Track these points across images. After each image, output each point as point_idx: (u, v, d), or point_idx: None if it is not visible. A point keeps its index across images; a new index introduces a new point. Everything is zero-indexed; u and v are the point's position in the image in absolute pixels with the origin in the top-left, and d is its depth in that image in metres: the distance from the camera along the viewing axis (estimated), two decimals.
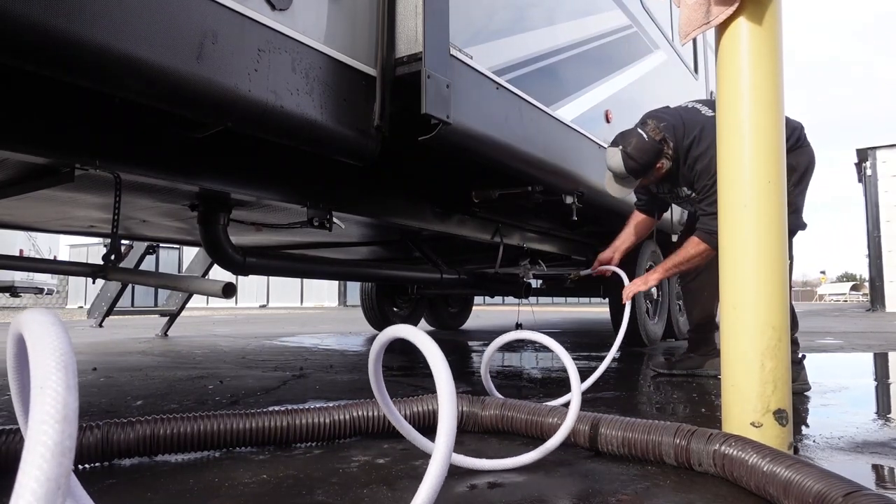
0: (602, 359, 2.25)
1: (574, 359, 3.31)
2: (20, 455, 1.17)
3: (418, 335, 0.89)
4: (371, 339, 5.03)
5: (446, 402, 0.80)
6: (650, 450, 1.26)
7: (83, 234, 3.21)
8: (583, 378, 1.54)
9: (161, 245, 3.88)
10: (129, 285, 4.58)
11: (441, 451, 0.74)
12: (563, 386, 2.43)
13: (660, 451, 1.24)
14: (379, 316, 5.61)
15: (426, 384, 2.43)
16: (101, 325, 4.85)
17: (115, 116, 1.63)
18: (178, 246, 10.79)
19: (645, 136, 2.24)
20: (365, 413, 1.47)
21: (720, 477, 1.17)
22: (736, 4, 1.34)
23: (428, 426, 1.49)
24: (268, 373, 2.82)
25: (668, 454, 1.23)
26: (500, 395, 1.69)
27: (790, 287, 1.51)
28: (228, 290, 2.11)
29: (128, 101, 1.35)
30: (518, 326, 4.18)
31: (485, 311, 13.15)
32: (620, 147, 2.26)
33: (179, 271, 16.33)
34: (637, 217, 2.77)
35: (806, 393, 2.20)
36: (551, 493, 1.10)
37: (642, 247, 4.07)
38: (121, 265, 2.24)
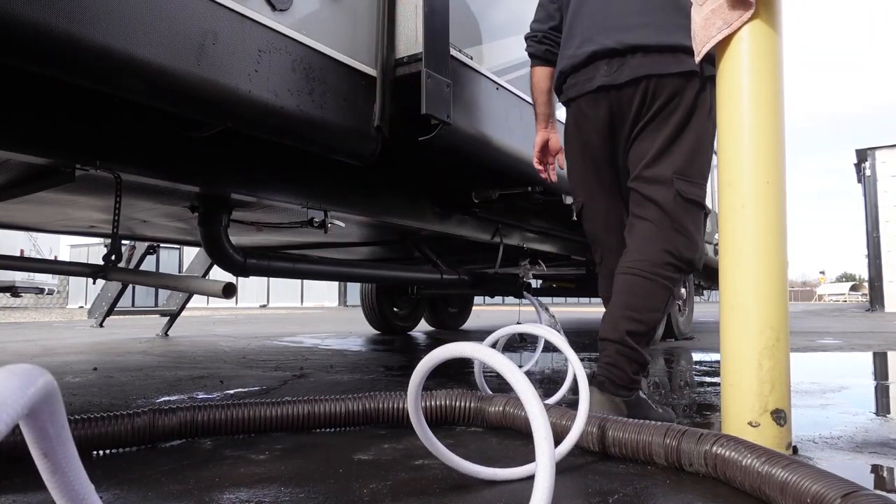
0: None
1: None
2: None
3: (488, 353, 0.78)
4: (372, 340, 5.04)
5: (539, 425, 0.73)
6: (640, 450, 1.26)
7: (84, 234, 3.21)
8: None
9: (161, 245, 3.88)
10: (130, 285, 4.59)
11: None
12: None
13: (650, 452, 1.24)
14: (379, 316, 5.61)
15: (426, 384, 2.43)
16: (101, 325, 4.86)
17: (115, 117, 1.64)
18: (178, 246, 10.79)
19: None
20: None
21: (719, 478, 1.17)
22: (751, 11, 1.33)
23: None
24: (268, 372, 2.82)
25: (659, 455, 1.23)
26: (489, 391, 1.74)
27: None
28: (229, 291, 2.11)
29: (128, 101, 1.36)
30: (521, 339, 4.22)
31: (485, 311, 13.15)
32: None
33: (180, 271, 16.33)
34: None
35: (806, 392, 2.20)
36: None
37: None
38: (121, 265, 2.24)
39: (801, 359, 3.52)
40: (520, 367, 1.86)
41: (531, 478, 0.85)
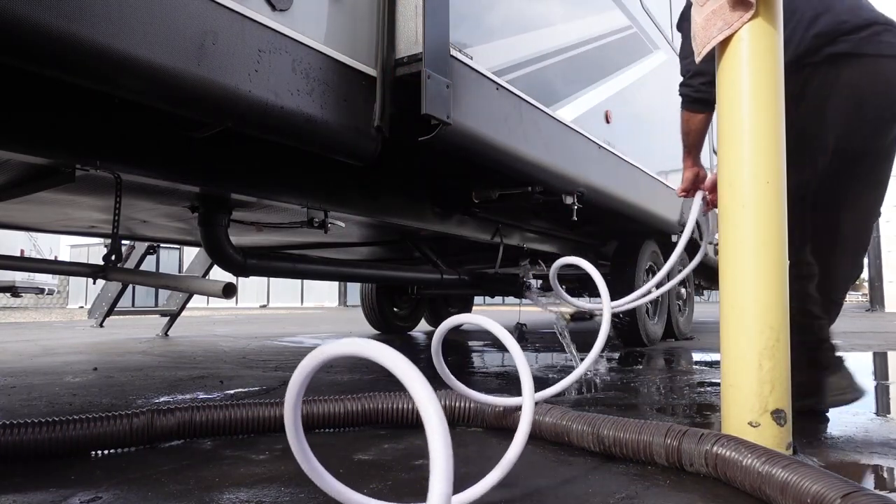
0: (603, 359, 2.24)
1: (581, 358, 3.28)
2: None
3: (375, 348, 0.66)
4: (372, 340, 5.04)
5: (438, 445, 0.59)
6: (641, 450, 1.26)
7: (84, 234, 3.21)
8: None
9: (161, 245, 3.89)
10: (130, 285, 4.59)
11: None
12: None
13: (650, 452, 1.24)
14: (379, 316, 5.61)
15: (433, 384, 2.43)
16: (101, 326, 4.87)
17: (115, 117, 1.64)
18: (178, 246, 10.80)
19: None
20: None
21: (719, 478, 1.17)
22: (751, 11, 1.33)
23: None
24: (268, 372, 2.82)
25: (660, 455, 1.23)
26: (456, 381, 1.54)
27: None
28: (229, 291, 2.11)
29: (128, 101, 1.36)
30: (519, 326, 4.19)
31: (485, 311, 13.16)
32: None
33: (180, 271, 16.33)
34: None
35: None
36: (550, 493, 1.11)
37: (643, 246, 4.13)
38: (121, 265, 2.24)
39: None
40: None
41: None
